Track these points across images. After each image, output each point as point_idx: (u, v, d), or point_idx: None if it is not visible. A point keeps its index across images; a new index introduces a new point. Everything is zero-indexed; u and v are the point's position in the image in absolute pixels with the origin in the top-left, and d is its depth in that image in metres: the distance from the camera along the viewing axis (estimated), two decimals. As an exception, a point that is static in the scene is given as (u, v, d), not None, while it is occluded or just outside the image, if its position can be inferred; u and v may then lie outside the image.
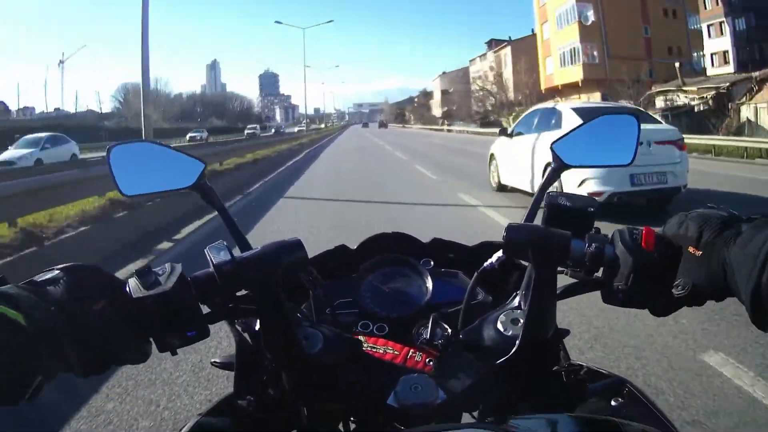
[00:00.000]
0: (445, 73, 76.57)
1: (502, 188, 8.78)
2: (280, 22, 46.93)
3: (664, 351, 2.82)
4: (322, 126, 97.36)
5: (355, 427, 0.68)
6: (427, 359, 0.68)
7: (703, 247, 0.57)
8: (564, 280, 0.67)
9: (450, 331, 0.71)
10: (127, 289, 0.56)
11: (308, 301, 0.77)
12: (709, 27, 36.30)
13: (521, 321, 0.66)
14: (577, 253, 0.63)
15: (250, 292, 0.62)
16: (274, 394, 0.67)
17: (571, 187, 6.16)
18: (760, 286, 0.49)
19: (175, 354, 0.58)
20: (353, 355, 0.66)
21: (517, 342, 0.64)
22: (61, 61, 71.64)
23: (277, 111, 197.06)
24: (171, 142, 48.33)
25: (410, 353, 0.69)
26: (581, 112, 6.83)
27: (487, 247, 0.83)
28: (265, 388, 0.67)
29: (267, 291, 0.61)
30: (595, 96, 33.39)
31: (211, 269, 0.59)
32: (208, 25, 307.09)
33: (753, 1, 33.56)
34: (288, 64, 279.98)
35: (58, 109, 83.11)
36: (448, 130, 59.00)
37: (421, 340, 0.71)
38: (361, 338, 0.72)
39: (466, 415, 0.69)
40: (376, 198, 8.98)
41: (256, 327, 0.65)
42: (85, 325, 0.51)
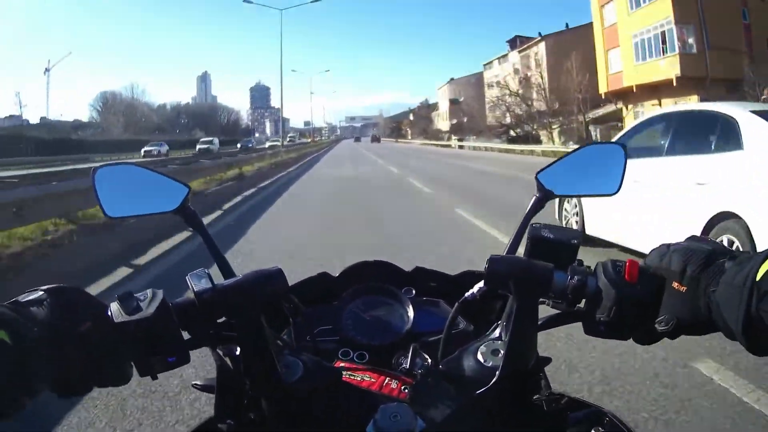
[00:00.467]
0: (453, 80, 66.93)
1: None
2: (250, 2, 35.22)
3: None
4: (308, 140, 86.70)
5: None
6: (402, 386, 0.69)
7: (688, 283, 0.57)
8: (546, 311, 0.67)
9: (430, 360, 0.73)
10: (109, 314, 0.56)
11: (289, 327, 0.77)
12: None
13: (502, 352, 0.66)
14: (560, 285, 0.63)
15: (230, 319, 0.63)
16: (254, 419, 0.66)
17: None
18: (750, 314, 0.50)
19: (155, 378, 0.59)
20: (332, 384, 0.66)
21: (497, 373, 0.63)
22: (47, 69, 68.31)
23: (267, 124, 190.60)
24: (124, 156, 36.60)
25: (386, 380, 0.70)
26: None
27: (469, 277, 0.83)
28: (245, 412, 0.66)
29: (247, 319, 0.61)
30: (691, 100, 21.69)
31: (192, 296, 0.60)
32: (199, 37, 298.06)
33: None
34: (278, 77, 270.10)
35: (12, 116, 75.48)
36: (459, 146, 47.84)
37: (401, 368, 0.72)
38: (342, 366, 0.73)
39: None
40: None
41: (237, 351, 0.64)
42: (69, 347, 0.51)
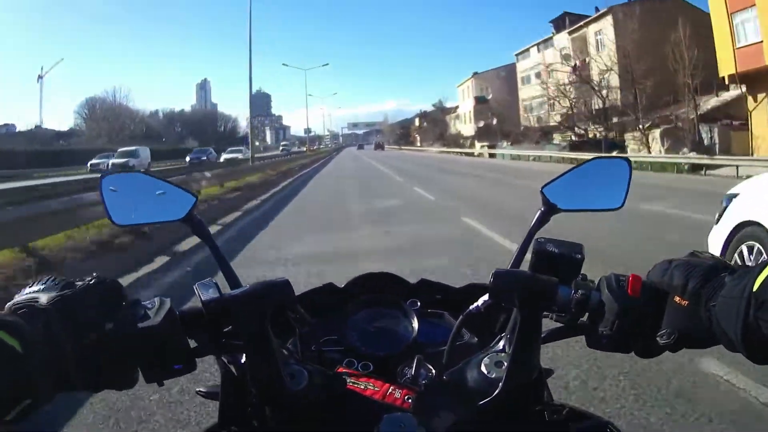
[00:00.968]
0: (477, 74, 55.62)
1: None
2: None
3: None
4: (304, 149, 74.69)
5: None
6: (406, 396, 0.69)
7: (690, 297, 0.57)
8: (549, 324, 0.67)
9: (434, 371, 0.73)
10: (118, 320, 0.57)
11: (295, 337, 0.77)
12: None
13: (505, 364, 0.66)
14: (564, 299, 0.63)
15: (237, 328, 0.63)
16: (257, 426, 0.66)
17: None
18: (748, 322, 0.51)
19: (161, 385, 0.59)
20: (337, 393, 0.67)
21: (501, 384, 0.64)
22: (40, 76, 63.73)
23: (268, 132, 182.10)
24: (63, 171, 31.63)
25: (390, 389, 0.70)
26: None
27: (474, 289, 0.84)
28: (249, 420, 0.67)
29: (253, 329, 0.62)
30: None
31: (200, 305, 0.61)
32: (198, 44, 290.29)
33: None
34: (281, 85, 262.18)
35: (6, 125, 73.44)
36: (490, 155, 37.56)
37: (405, 379, 0.73)
38: (346, 375, 0.73)
39: None
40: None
41: (242, 359, 0.65)
42: (76, 355, 0.52)
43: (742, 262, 3.76)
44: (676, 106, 23.99)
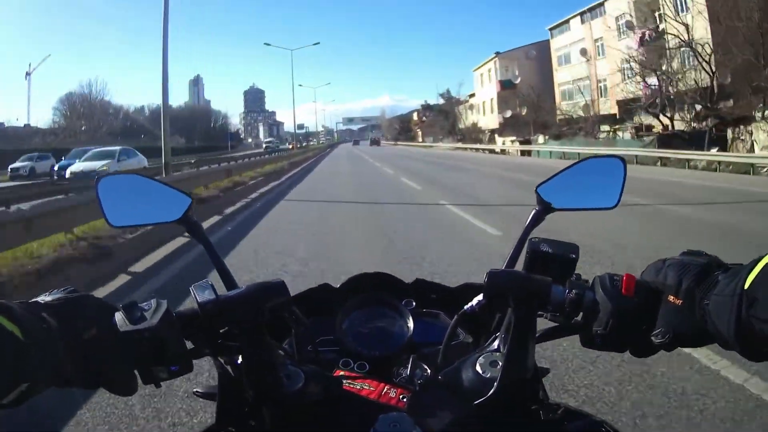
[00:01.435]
0: (500, 54, 44.88)
1: None
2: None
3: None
4: (289, 147, 62.57)
5: None
6: (401, 395, 0.70)
7: (683, 296, 0.57)
8: (543, 324, 0.68)
9: (429, 371, 0.74)
10: (114, 323, 0.57)
11: (291, 337, 0.78)
12: None
13: (500, 363, 0.66)
14: (558, 299, 0.64)
15: (233, 329, 0.64)
16: (254, 426, 0.67)
17: None
18: (741, 319, 0.51)
19: (159, 386, 0.60)
20: (333, 393, 0.67)
21: (496, 384, 0.64)
22: (28, 73, 61.08)
23: (261, 128, 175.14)
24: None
25: (385, 389, 0.71)
26: None
27: (469, 289, 0.84)
28: (246, 420, 0.67)
29: (249, 330, 0.62)
30: None
31: (196, 307, 0.61)
32: (191, 40, 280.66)
33: None
34: (275, 80, 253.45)
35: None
36: (523, 153, 30.45)
37: (401, 379, 0.73)
38: (342, 376, 0.74)
39: None
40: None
41: (239, 360, 0.66)
42: (74, 351, 0.53)
43: None
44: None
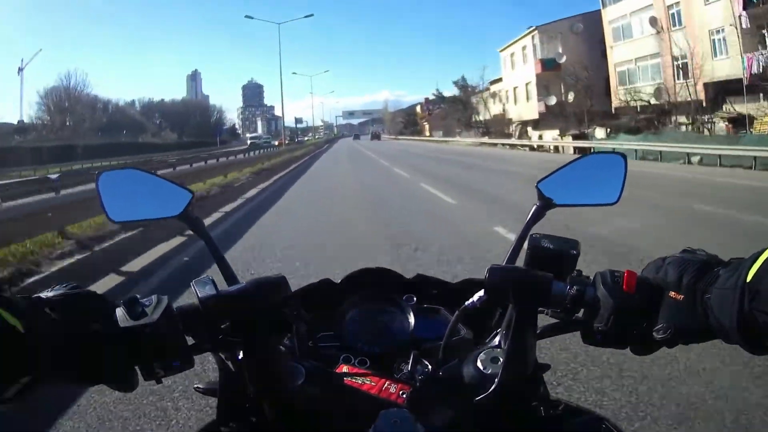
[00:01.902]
0: (538, 29, 34.24)
1: None
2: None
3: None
4: (276, 143, 53.51)
5: None
6: (401, 391, 0.69)
7: (684, 291, 0.57)
8: (544, 320, 0.67)
9: (430, 367, 0.73)
10: (115, 318, 0.57)
11: (292, 333, 0.76)
12: None
13: (501, 359, 0.66)
14: (559, 295, 0.63)
15: (233, 325, 0.63)
16: (256, 422, 0.66)
17: None
18: (743, 312, 0.50)
19: (159, 382, 0.59)
20: (334, 389, 0.67)
21: (497, 380, 0.64)
22: (20, 69, 56.06)
23: (259, 123, 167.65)
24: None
25: (385, 384, 0.71)
26: None
27: (470, 285, 0.83)
28: (248, 416, 0.67)
29: (250, 325, 0.62)
30: None
31: (197, 302, 0.61)
32: (189, 35, 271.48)
33: None
34: (273, 74, 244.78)
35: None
36: (579, 150, 22.87)
37: (402, 375, 0.73)
38: (343, 371, 0.74)
39: None
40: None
41: (240, 355, 0.65)
42: (75, 347, 0.53)
43: None
44: None
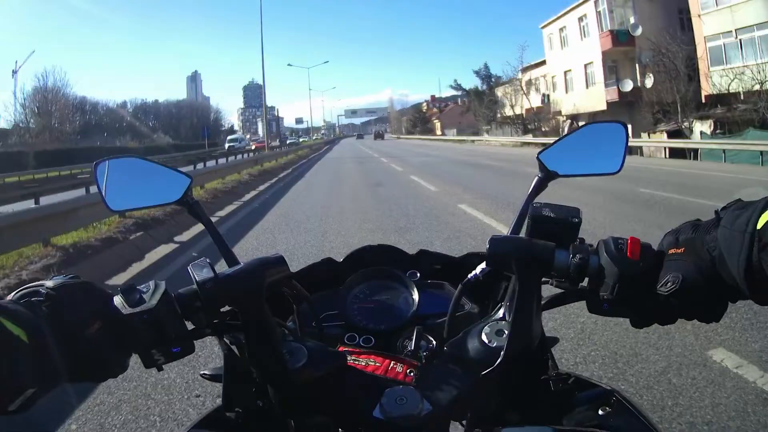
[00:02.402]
0: None
1: None
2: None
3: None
4: (252, 147, 42.77)
5: None
6: (408, 370, 0.69)
7: (684, 243, 0.57)
8: (549, 291, 0.67)
9: (435, 342, 0.73)
10: (113, 306, 0.57)
11: (294, 314, 0.75)
12: None
13: (506, 332, 0.65)
14: (562, 264, 0.62)
15: (234, 308, 0.63)
16: (262, 406, 0.67)
17: None
18: (752, 260, 0.48)
19: (161, 370, 0.59)
20: (338, 369, 0.65)
21: (502, 353, 0.63)
22: (14, 71, 52.14)
23: (260, 124, 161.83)
24: None
25: (391, 364, 0.70)
26: None
27: (473, 258, 0.83)
28: (253, 400, 0.67)
29: (250, 307, 0.61)
30: None
31: (194, 286, 0.60)
32: (189, 36, 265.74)
33: None
34: (274, 73, 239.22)
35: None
36: (678, 153, 15.27)
37: (406, 352, 0.72)
38: (347, 352, 0.73)
39: (454, 426, 0.67)
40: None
41: (243, 339, 0.65)
42: (79, 343, 0.52)
43: None
44: None
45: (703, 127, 19.58)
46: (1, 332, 0.46)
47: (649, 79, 22.93)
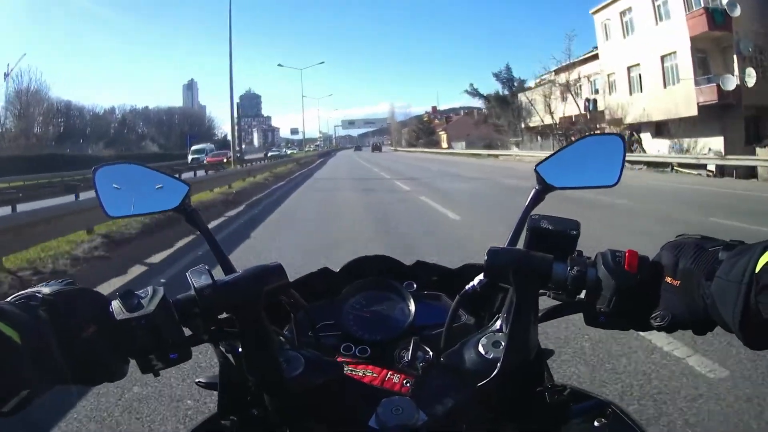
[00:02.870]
0: None
1: None
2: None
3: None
4: (205, 161, 32.55)
5: None
6: (404, 381, 0.69)
7: (681, 276, 0.56)
8: (546, 302, 0.66)
9: (431, 353, 0.73)
10: (110, 311, 0.56)
11: (290, 323, 0.76)
12: None
13: (503, 344, 0.65)
14: (560, 276, 0.62)
15: (231, 315, 0.63)
16: (257, 414, 0.66)
17: None
18: (749, 308, 0.48)
19: (157, 375, 0.58)
20: (334, 378, 0.66)
21: (499, 365, 0.63)
22: (6, 74, 50.81)
23: (255, 134, 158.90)
24: None
25: (388, 375, 0.70)
26: None
27: (470, 270, 0.83)
28: (249, 409, 0.67)
29: (247, 315, 0.61)
30: None
31: (193, 293, 0.60)
32: (185, 44, 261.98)
33: None
34: (273, 85, 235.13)
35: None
36: None
37: (403, 362, 0.72)
38: (343, 361, 0.74)
39: None
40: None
41: (240, 347, 0.65)
42: (73, 347, 0.52)
43: None
44: None
45: None
46: None
47: (751, 77, 17.95)
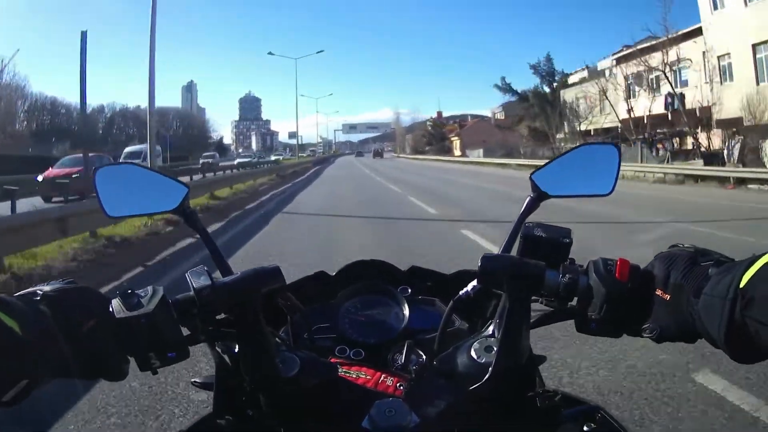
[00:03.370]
0: None
1: None
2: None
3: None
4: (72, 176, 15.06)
5: None
6: (398, 383, 0.71)
7: (671, 290, 0.56)
8: (539, 309, 0.68)
9: (425, 357, 0.75)
10: (111, 309, 0.58)
11: (287, 325, 0.78)
12: None
13: (495, 349, 0.66)
14: (552, 283, 0.63)
15: (229, 315, 0.64)
16: (252, 415, 0.67)
17: None
18: (734, 323, 0.49)
19: (155, 374, 0.60)
20: (329, 379, 0.67)
21: (490, 369, 0.64)
22: (0, 71, 48.87)
23: (254, 138, 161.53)
24: None
25: (381, 377, 0.72)
26: None
27: (464, 276, 0.84)
28: (244, 409, 0.68)
29: (245, 316, 0.63)
30: None
31: (192, 293, 0.61)
32: (186, 46, 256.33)
33: None
34: (273, 88, 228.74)
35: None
36: None
37: (396, 366, 0.75)
38: (338, 362, 0.75)
39: None
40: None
41: (236, 349, 0.67)
42: (72, 343, 0.53)
43: None
44: None
45: None
46: None
47: None
